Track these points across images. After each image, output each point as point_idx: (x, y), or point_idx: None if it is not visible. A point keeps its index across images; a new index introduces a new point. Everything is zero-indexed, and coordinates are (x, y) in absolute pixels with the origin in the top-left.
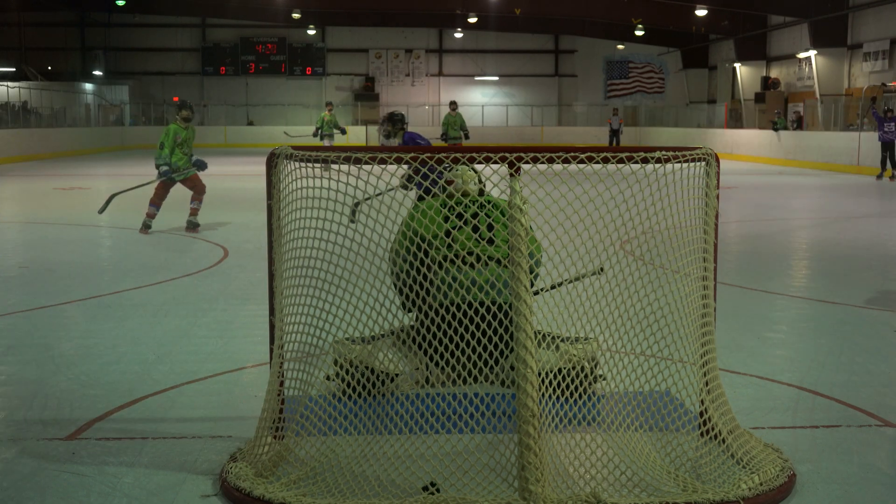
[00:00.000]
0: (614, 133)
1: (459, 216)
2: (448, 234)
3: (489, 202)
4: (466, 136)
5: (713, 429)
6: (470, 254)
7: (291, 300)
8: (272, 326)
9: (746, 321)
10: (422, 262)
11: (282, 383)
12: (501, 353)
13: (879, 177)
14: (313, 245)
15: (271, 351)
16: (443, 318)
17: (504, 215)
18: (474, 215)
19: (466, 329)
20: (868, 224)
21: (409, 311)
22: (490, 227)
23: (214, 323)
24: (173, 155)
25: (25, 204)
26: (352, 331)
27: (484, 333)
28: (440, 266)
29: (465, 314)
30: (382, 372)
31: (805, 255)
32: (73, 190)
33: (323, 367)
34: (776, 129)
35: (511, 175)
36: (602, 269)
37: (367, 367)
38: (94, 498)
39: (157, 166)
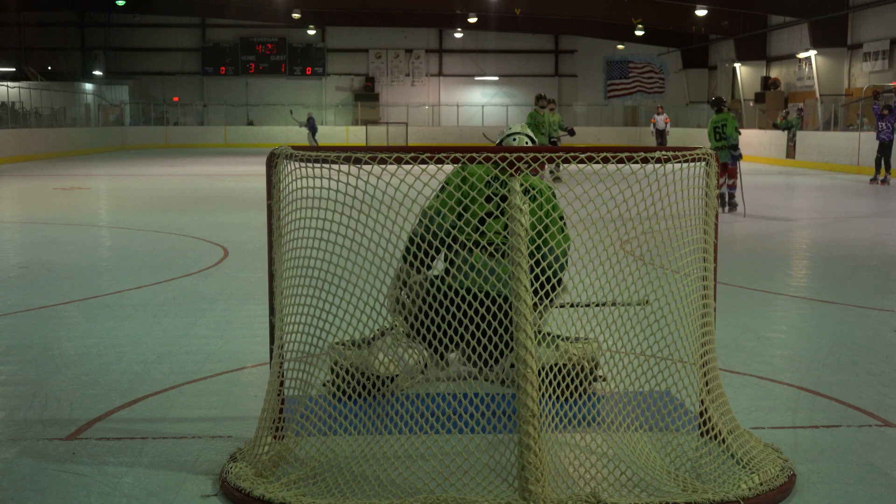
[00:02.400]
0: (660, 134)
1: (497, 205)
2: (482, 221)
3: (533, 187)
4: (570, 133)
5: (713, 429)
6: (497, 249)
7: (291, 300)
8: (272, 326)
9: (746, 321)
10: (447, 232)
11: (282, 383)
12: (501, 352)
13: (874, 179)
14: (313, 245)
15: (271, 351)
16: (458, 307)
17: (545, 204)
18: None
19: (472, 320)
20: (868, 224)
21: (418, 270)
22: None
23: (214, 323)
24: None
25: (25, 204)
26: (352, 331)
27: (490, 325)
28: (470, 252)
29: (477, 302)
30: (379, 376)
31: (805, 255)
32: (73, 190)
33: (323, 367)
34: (788, 128)
35: (511, 175)
36: (648, 301)
37: (362, 374)
38: (94, 498)
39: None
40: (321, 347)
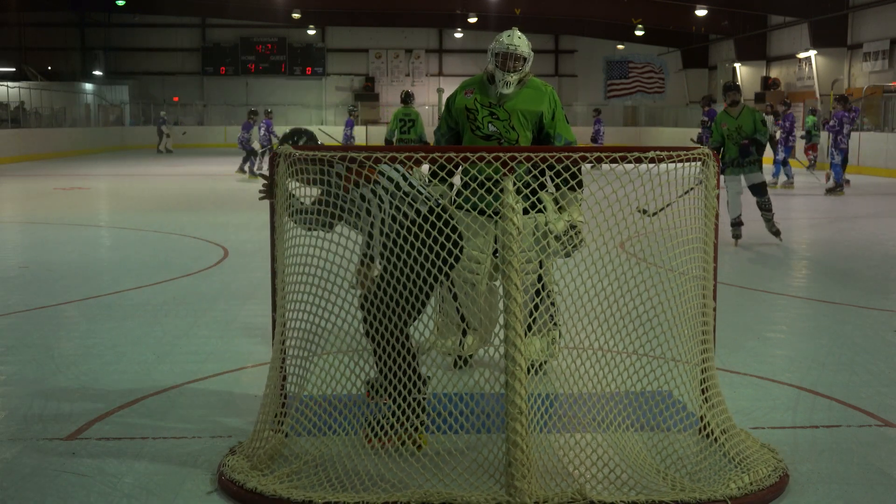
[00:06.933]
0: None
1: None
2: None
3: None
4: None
5: (707, 427)
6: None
7: (293, 297)
8: (274, 323)
9: (746, 321)
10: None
11: (284, 378)
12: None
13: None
14: (315, 244)
15: (273, 348)
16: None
17: (553, 97)
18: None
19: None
20: (868, 224)
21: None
22: None
23: (214, 323)
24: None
25: (25, 204)
26: (353, 331)
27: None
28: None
29: None
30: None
31: (805, 255)
32: (73, 190)
33: (322, 365)
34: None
35: (505, 175)
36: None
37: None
38: (94, 498)
39: None
40: (321, 345)
